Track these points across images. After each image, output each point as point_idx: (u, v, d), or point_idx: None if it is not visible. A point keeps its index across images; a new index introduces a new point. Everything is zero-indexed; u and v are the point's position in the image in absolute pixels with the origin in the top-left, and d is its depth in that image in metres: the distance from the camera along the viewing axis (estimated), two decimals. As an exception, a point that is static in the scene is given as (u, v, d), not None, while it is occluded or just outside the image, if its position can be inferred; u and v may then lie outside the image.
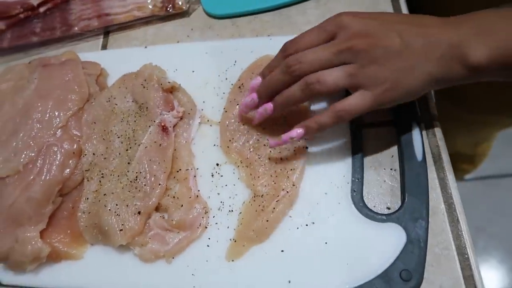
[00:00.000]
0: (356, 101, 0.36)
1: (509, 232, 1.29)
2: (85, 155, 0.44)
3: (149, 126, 0.45)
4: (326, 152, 0.43)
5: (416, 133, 0.42)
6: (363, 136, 0.43)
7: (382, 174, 0.42)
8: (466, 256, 0.37)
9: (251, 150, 0.43)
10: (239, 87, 0.47)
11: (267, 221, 0.40)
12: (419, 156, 0.41)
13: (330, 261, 0.38)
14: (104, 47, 0.58)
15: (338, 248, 0.38)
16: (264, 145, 0.43)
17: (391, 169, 0.42)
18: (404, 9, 0.51)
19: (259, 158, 0.42)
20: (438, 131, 0.44)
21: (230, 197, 0.42)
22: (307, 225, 0.40)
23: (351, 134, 0.44)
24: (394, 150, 0.43)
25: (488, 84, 0.53)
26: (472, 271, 0.37)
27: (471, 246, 0.38)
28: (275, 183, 0.41)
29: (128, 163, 0.44)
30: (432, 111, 0.45)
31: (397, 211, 0.39)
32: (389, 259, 0.37)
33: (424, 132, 0.43)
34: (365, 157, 0.42)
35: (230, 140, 0.44)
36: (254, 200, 0.41)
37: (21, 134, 0.44)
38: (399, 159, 0.42)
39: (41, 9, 0.59)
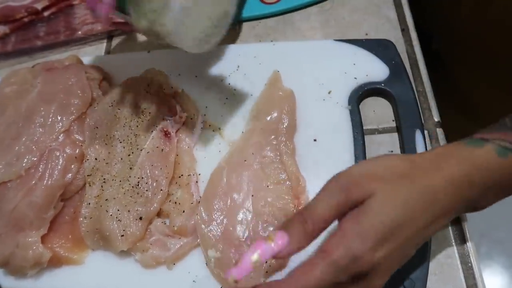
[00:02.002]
0: None
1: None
2: (87, 160, 0.44)
3: (151, 131, 0.45)
4: (328, 158, 0.43)
5: (419, 140, 0.42)
6: (366, 142, 0.43)
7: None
8: (470, 264, 0.37)
9: None
10: None
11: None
12: (422, 164, 0.41)
13: (332, 269, 0.38)
14: (107, 51, 0.58)
15: (341, 256, 0.38)
16: None
17: (394, 176, 0.42)
18: (408, 15, 0.51)
19: None
20: (441, 138, 0.43)
21: (232, 203, 0.42)
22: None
23: (354, 140, 0.43)
24: (397, 157, 0.43)
25: (504, 101, 0.53)
26: (476, 280, 0.36)
27: (475, 255, 0.37)
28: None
29: (130, 168, 0.44)
30: (436, 118, 0.45)
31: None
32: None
33: (427, 139, 0.43)
34: (368, 164, 0.42)
35: None
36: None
37: (24, 139, 0.44)
38: (402, 166, 0.42)
39: (46, 13, 0.59)
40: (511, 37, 0.49)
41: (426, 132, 0.43)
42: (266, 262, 0.36)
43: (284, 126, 0.44)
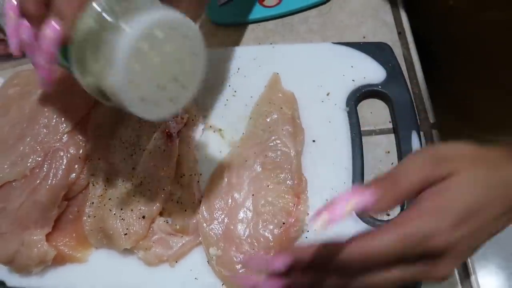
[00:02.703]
0: None
1: (508, 238, 1.29)
2: (91, 160, 0.45)
3: (154, 132, 0.46)
4: (327, 159, 0.44)
5: (415, 141, 0.43)
6: (363, 143, 0.44)
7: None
8: (464, 263, 0.38)
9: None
10: None
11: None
12: (418, 164, 0.42)
13: (331, 266, 0.39)
14: (109, 53, 0.58)
15: (339, 253, 0.39)
16: None
17: (390, 176, 0.43)
18: (404, 19, 0.52)
19: None
20: (436, 139, 0.45)
21: (232, 203, 0.43)
22: (308, 231, 0.41)
23: (352, 141, 0.44)
24: (393, 157, 0.44)
25: (498, 105, 0.54)
26: (470, 275, 0.38)
27: None
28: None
29: (133, 168, 0.44)
30: (431, 120, 0.46)
31: (396, 217, 0.40)
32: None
33: (423, 140, 0.44)
34: (365, 164, 0.43)
35: None
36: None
37: (28, 139, 0.45)
38: (398, 166, 0.43)
39: (48, 15, 0.59)
40: (507, 39, 0.50)
41: (421, 133, 0.45)
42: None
43: (287, 127, 0.45)
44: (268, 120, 0.46)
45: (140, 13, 0.27)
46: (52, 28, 0.29)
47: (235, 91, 0.50)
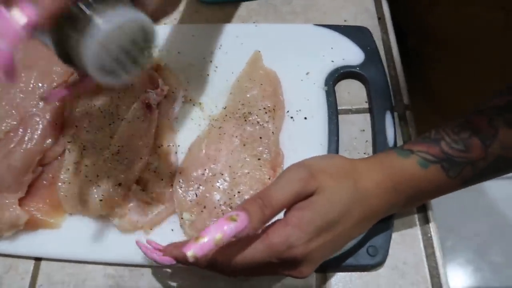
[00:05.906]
0: None
1: (477, 233, 1.34)
2: (68, 127, 0.45)
3: (133, 103, 0.46)
4: (304, 135, 0.45)
5: (389, 121, 0.44)
6: (340, 121, 0.46)
7: (355, 158, 0.44)
8: (429, 235, 0.40)
9: None
10: None
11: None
12: (391, 143, 0.43)
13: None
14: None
15: (311, 224, 0.40)
16: None
17: (364, 153, 0.44)
18: (385, 5, 0.54)
19: None
20: (410, 120, 0.46)
21: (209, 174, 0.44)
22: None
23: (329, 119, 0.46)
24: (368, 136, 0.45)
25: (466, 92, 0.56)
26: (434, 249, 0.39)
27: (434, 227, 0.40)
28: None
29: (111, 137, 0.44)
30: (405, 102, 0.47)
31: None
32: (358, 237, 0.39)
33: (397, 121, 0.46)
34: (340, 141, 0.44)
35: None
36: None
37: (3, 103, 0.44)
38: (372, 144, 0.44)
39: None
40: (479, 38, 0.52)
41: (396, 114, 0.46)
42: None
43: (267, 103, 0.46)
44: (248, 95, 0.47)
45: (112, 12, 0.28)
46: (28, 11, 0.25)
47: (216, 67, 0.50)
